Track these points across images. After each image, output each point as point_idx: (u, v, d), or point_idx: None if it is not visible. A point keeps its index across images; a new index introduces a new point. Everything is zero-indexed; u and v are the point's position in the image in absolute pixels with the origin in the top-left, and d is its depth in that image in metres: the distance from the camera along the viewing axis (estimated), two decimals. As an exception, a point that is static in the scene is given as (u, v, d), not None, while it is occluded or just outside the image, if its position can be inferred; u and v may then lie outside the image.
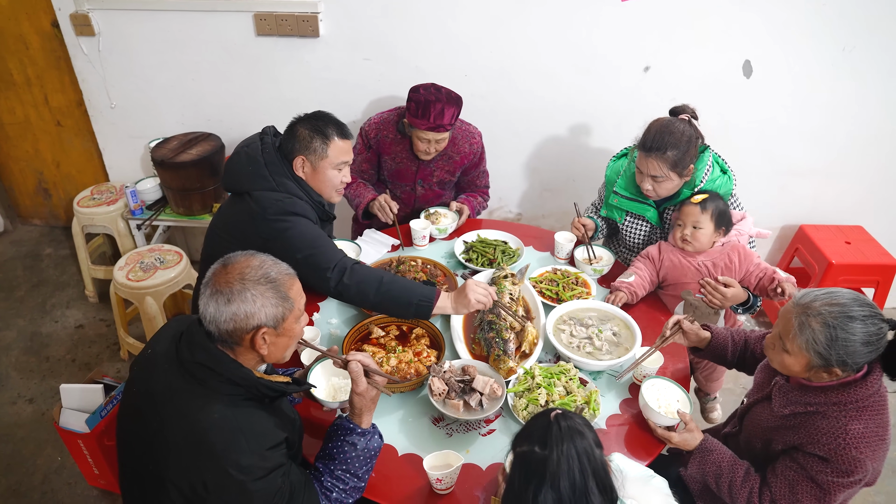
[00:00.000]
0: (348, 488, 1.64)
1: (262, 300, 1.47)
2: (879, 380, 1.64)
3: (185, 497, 1.44)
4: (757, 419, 1.86)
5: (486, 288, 2.11)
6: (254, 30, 3.21)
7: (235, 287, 1.46)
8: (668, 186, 2.43)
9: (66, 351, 3.45)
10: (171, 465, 1.45)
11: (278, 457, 1.50)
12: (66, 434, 2.46)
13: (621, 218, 2.67)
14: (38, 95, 3.84)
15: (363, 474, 1.66)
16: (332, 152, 2.21)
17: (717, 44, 3.04)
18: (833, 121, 3.22)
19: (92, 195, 3.64)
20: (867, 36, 2.96)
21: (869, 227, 3.55)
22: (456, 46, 3.17)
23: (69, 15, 3.28)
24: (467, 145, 2.91)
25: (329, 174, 2.24)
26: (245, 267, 1.50)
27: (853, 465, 1.59)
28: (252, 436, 1.45)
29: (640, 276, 2.44)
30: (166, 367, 1.52)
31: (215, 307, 1.46)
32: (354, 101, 3.38)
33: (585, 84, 3.22)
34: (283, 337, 1.55)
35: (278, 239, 2.11)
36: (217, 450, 1.41)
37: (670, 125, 2.37)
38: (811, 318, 1.59)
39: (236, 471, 1.40)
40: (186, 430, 1.43)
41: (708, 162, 2.49)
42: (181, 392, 1.48)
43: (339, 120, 2.26)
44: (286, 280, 1.54)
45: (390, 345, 2.13)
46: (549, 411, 1.40)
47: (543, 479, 1.28)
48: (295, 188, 2.20)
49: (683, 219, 2.38)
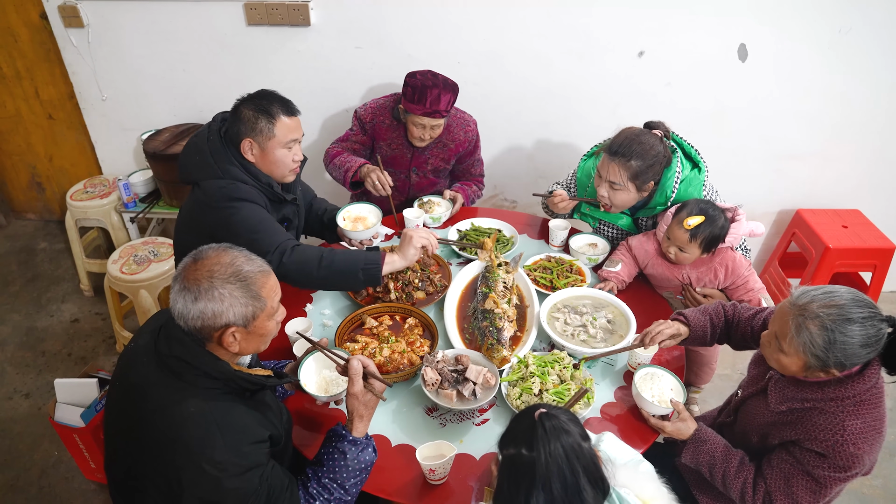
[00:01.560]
0: (333, 499, 1.58)
1: (230, 299, 1.43)
2: (877, 374, 1.61)
3: (160, 492, 1.42)
4: (752, 413, 1.84)
5: (426, 231, 2.23)
6: (244, 19, 3.18)
7: (203, 285, 1.42)
8: (624, 198, 2.37)
9: (62, 345, 3.44)
10: (147, 461, 1.43)
11: (257, 455, 1.47)
12: (61, 429, 2.47)
13: (594, 224, 2.64)
14: (28, 89, 3.81)
15: (350, 487, 1.59)
16: (279, 131, 2.13)
17: (712, 28, 3.01)
18: (828, 103, 3.20)
19: (85, 188, 3.62)
20: (861, 18, 2.93)
21: (866, 211, 3.53)
22: (448, 33, 3.14)
23: (57, 6, 3.25)
24: (462, 133, 2.89)
25: (279, 154, 2.16)
26: (215, 264, 1.45)
27: (851, 460, 1.58)
28: (229, 431, 1.42)
29: (625, 265, 2.43)
30: (145, 361, 1.51)
31: (183, 304, 1.43)
32: (346, 89, 3.35)
33: (579, 69, 3.19)
34: (255, 335, 1.52)
35: (223, 227, 2.08)
36: (192, 445, 1.39)
37: (641, 136, 2.31)
38: (808, 320, 1.54)
39: (210, 466, 1.37)
40: (162, 424, 1.41)
41: (676, 170, 2.37)
42: (158, 386, 1.46)
43: (284, 97, 2.18)
44: (258, 278, 1.49)
45: (383, 335, 2.12)
46: (533, 409, 1.36)
47: (534, 483, 1.26)
48: (239, 173, 2.14)
49: (671, 236, 2.29)
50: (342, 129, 3.39)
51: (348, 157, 2.82)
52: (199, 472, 1.38)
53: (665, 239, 2.33)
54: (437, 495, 1.68)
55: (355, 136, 2.89)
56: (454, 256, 2.60)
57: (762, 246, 3.80)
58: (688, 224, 2.21)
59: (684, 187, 2.38)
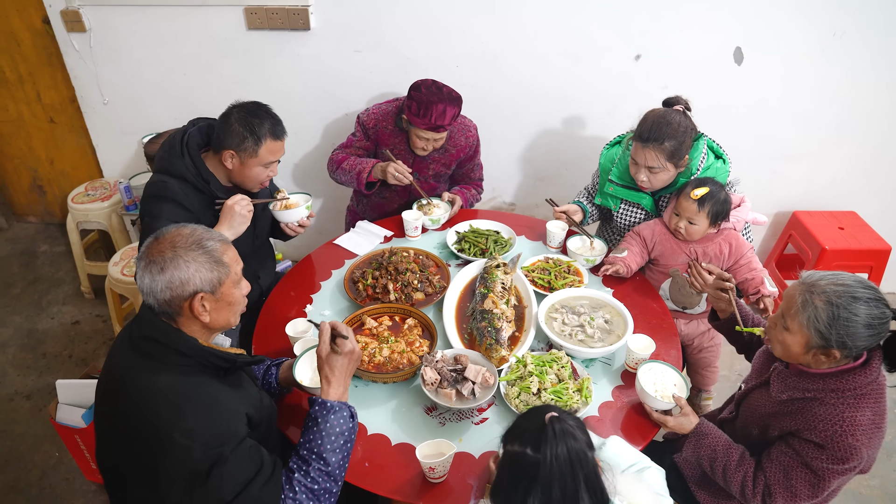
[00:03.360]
0: (312, 470, 1.53)
1: (195, 265, 1.49)
2: (878, 368, 1.63)
3: (141, 478, 1.44)
4: (754, 405, 1.86)
5: (241, 197, 2.20)
6: (244, 23, 3.20)
7: (167, 255, 1.48)
8: (664, 177, 2.44)
9: (63, 347, 3.46)
10: (127, 447, 1.45)
11: (232, 426, 1.47)
12: (62, 429, 2.48)
13: (616, 206, 2.67)
14: (30, 93, 3.84)
15: (329, 456, 1.54)
16: (262, 152, 2.22)
17: (708, 29, 3.03)
18: (824, 105, 3.22)
19: (86, 191, 3.64)
20: (857, 20, 2.95)
21: (862, 213, 3.55)
22: (446, 36, 3.16)
23: (60, 11, 3.27)
24: (463, 138, 2.91)
25: (256, 171, 2.26)
26: (176, 236, 1.52)
27: (849, 452, 1.59)
28: (200, 402, 1.44)
29: (632, 252, 2.47)
30: (122, 349, 1.54)
31: (150, 278, 1.47)
32: (346, 93, 3.37)
33: (576, 71, 3.21)
34: (223, 302, 1.56)
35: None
36: (162, 416, 1.40)
37: (666, 115, 2.37)
38: (815, 295, 1.58)
39: (180, 435, 1.38)
40: (136, 405, 1.43)
41: (703, 150, 2.49)
42: (133, 369, 1.49)
43: (275, 116, 2.26)
44: (218, 246, 1.55)
45: (383, 335, 2.14)
46: (544, 411, 1.38)
47: (534, 483, 1.28)
48: (181, 167, 2.20)
49: (680, 211, 2.37)
50: (341, 132, 3.43)
51: (356, 160, 2.85)
52: (171, 442, 1.38)
53: (673, 216, 2.40)
54: (436, 493, 1.70)
55: (358, 142, 2.91)
56: (452, 258, 2.62)
57: (759, 248, 3.82)
58: (694, 195, 2.31)
59: (711, 175, 2.47)
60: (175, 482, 1.39)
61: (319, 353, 1.67)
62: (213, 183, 2.26)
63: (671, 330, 2.27)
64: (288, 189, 2.74)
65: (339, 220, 3.42)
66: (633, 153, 2.43)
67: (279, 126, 2.25)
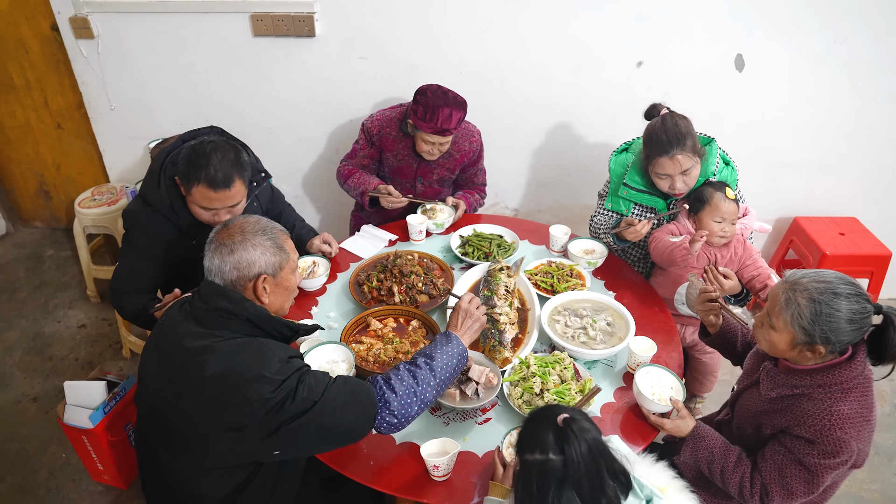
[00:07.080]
0: (419, 372, 1.69)
1: (261, 249, 1.64)
2: (864, 362, 1.67)
3: (224, 438, 1.51)
4: (747, 404, 1.90)
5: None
6: (250, 30, 3.24)
7: (237, 238, 1.63)
8: (696, 173, 2.47)
9: (69, 350, 3.48)
10: (199, 412, 1.52)
11: (303, 362, 1.63)
12: (70, 430, 2.50)
13: (629, 210, 2.69)
14: (38, 98, 3.88)
15: (437, 368, 1.72)
16: (195, 195, 2.09)
17: (709, 37, 3.07)
18: (825, 112, 3.25)
19: (93, 196, 3.67)
20: (858, 28, 2.99)
21: (862, 219, 3.58)
22: (449, 44, 3.20)
23: (68, 18, 3.31)
24: (467, 143, 2.94)
25: (195, 209, 2.15)
26: (244, 223, 1.68)
27: (838, 445, 1.62)
28: (275, 348, 1.58)
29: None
30: (180, 325, 1.61)
31: (220, 259, 1.62)
32: (350, 99, 3.41)
33: (578, 79, 3.25)
34: (281, 287, 1.71)
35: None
36: (248, 362, 1.51)
37: (666, 122, 2.41)
38: (798, 293, 1.63)
39: (269, 372, 1.50)
40: (217, 365, 1.51)
41: (717, 154, 2.55)
42: (198, 336, 1.56)
43: (224, 167, 2.05)
44: (280, 234, 1.71)
45: (388, 336, 2.17)
46: (545, 414, 1.43)
47: (563, 485, 1.33)
48: (155, 193, 2.19)
49: (721, 216, 2.37)
50: (346, 138, 3.46)
51: (360, 177, 2.90)
52: (261, 380, 1.48)
53: (711, 223, 2.39)
54: (440, 491, 1.72)
55: (363, 151, 2.94)
56: (457, 261, 2.64)
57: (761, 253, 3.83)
58: (729, 194, 2.38)
59: (723, 179, 2.54)
60: (267, 413, 1.48)
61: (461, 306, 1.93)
62: (183, 216, 2.20)
63: (672, 333, 2.29)
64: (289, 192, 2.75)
65: (344, 225, 3.45)
66: (661, 169, 2.43)
67: (218, 177, 2.04)
